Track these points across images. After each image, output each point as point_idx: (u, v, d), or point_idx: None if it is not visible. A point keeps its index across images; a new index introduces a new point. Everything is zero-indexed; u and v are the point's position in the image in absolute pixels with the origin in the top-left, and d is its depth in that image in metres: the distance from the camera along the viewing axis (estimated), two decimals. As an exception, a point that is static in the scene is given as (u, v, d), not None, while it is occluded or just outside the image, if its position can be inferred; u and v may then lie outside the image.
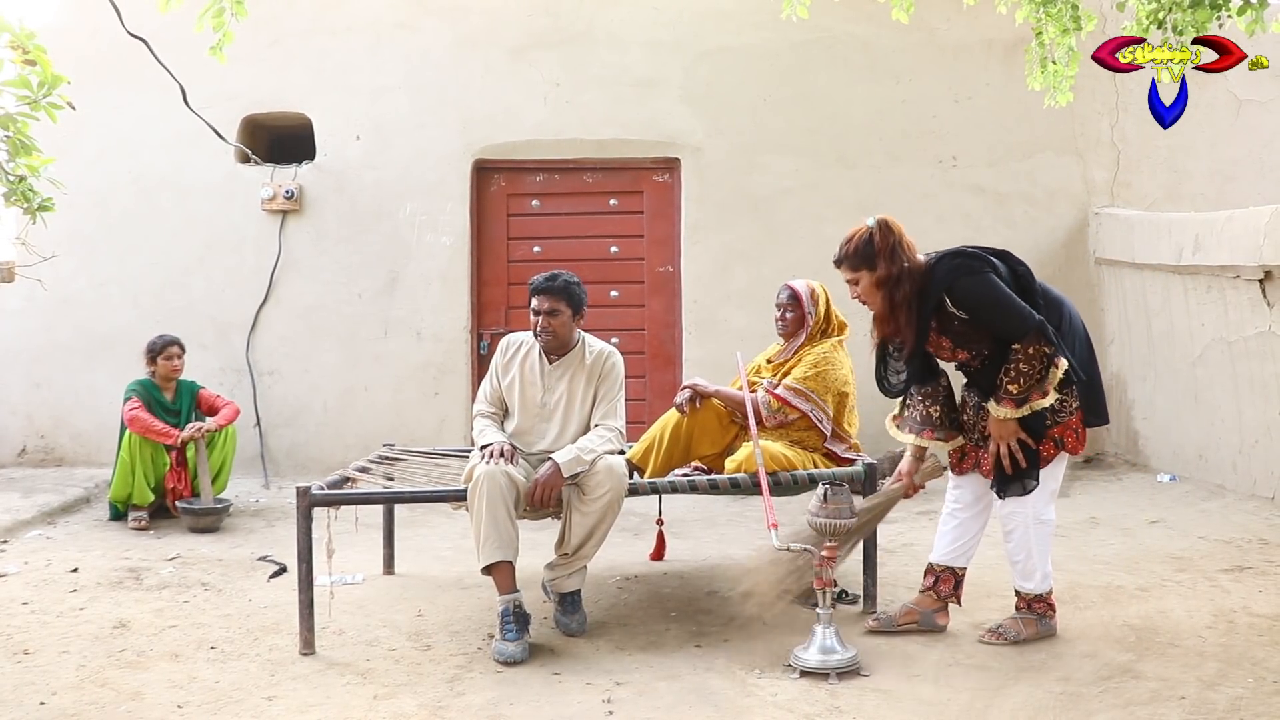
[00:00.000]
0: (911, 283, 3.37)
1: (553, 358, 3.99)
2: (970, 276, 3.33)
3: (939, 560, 3.70)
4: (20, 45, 3.00)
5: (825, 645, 3.30)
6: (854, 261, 3.41)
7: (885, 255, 3.36)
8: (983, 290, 3.32)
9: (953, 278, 3.34)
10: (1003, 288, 3.33)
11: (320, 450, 6.90)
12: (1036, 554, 3.50)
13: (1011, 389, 3.33)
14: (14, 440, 7.05)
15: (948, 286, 3.34)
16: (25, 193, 3.27)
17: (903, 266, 3.36)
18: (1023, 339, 3.30)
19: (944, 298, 3.35)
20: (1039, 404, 3.33)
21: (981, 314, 3.35)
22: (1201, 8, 4.21)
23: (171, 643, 3.68)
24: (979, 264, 3.35)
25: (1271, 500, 5.33)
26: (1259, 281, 5.33)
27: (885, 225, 3.40)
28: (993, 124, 7.09)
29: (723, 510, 5.80)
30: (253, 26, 4.89)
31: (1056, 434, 3.44)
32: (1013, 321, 3.31)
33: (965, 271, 3.34)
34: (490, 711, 3.06)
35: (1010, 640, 3.50)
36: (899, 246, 3.37)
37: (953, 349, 3.46)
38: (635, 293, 7.16)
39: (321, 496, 3.68)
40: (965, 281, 3.33)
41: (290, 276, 7.01)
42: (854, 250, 3.40)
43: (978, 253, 3.39)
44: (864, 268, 3.39)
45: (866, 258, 3.38)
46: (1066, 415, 3.44)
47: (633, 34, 7.08)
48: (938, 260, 3.40)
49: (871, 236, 3.38)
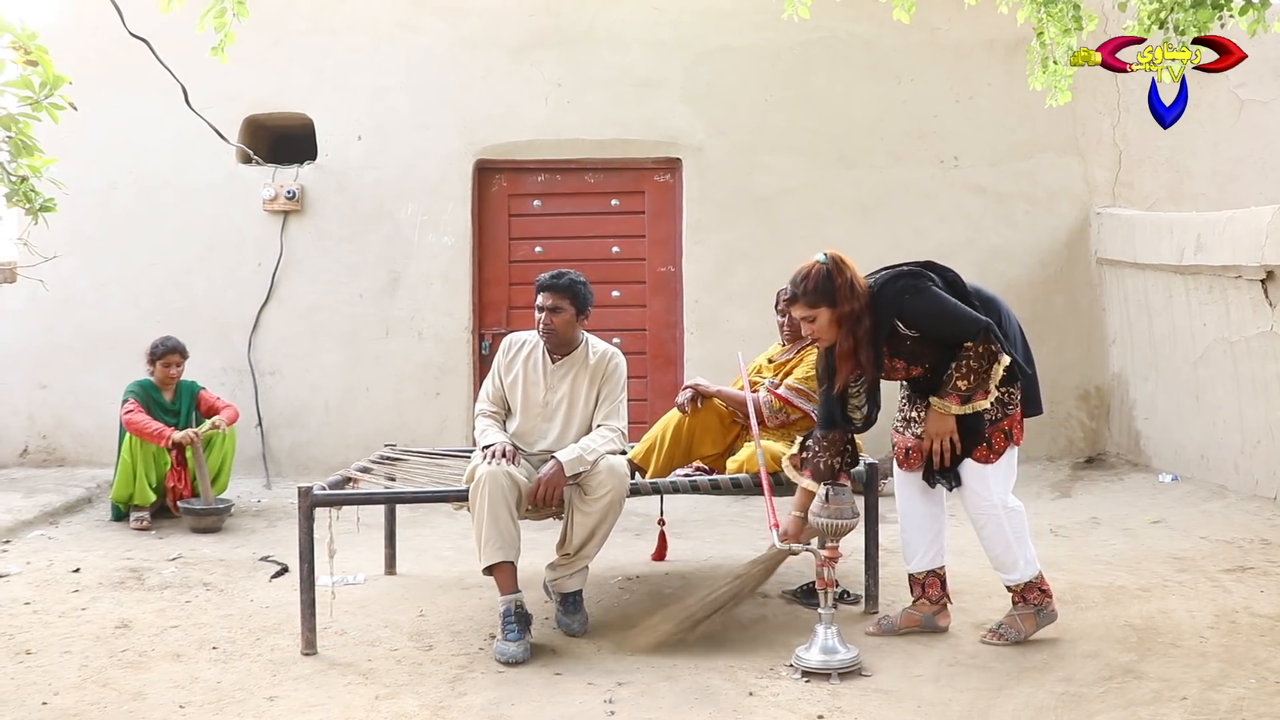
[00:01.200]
0: (868, 316, 3.39)
1: (555, 357, 3.99)
2: (916, 296, 3.37)
3: (918, 569, 3.69)
4: (22, 46, 3.01)
5: (827, 645, 3.30)
6: (812, 298, 3.38)
7: (845, 291, 3.36)
8: (930, 305, 3.36)
9: (900, 300, 3.37)
10: (948, 298, 3.39)
11: (322, 450, 6.91)
12: (1014, 543, 3.49)
13: (960, 385, 3.36)
14: (16, 440, 7.05)
15: (898, 310, 3.37)
16: (27, 193, 3.28)
17: (862, 302, 3.38)
18: (972, 340, 3.34)
19: (895, 321, 3.39)
20: (980, 404, 3.38)
21: (932, 328, 3.39)
22: (1203, 8, 4.21)
23: (173, 643, 3.68)
24: (919, 281, 3.39)
25: (1273, 500, 5.32)
26: (1261, 281, 5.32)
27: (839, 261, 3.39)
28: (994, 124, 7.08)
29: (724, 510, 5.80)
30: (254, 27, 4.90)
31: (1005, 426, 3.47)
32: (963, 327, 3.34)
33: (910, 291, 3.38)
34: (492, 711, 3.06)
35: (1011, 640, 3.49)
36: (855, 282, 3.38)
37: (906, 368, 3.51)
38: (636, 293, 7.16)
39: (323, 497, 3.68)
40: (912, 301, 3.37)
41: (291, 277, 7.01)
42: (813, 286, 3.37)
43: (914, 269, 3.44)
44: (823, 304, 3.38)
45: (825, 294, 3.36)
46: (1013, 408, 3.49)
47: (634, 34, 7.08)
48: (880, 287, 3.42)
49: (829, 273, 3.36)
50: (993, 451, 3.47)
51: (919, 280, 3.40)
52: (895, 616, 3.70)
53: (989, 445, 3.47)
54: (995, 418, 3.46)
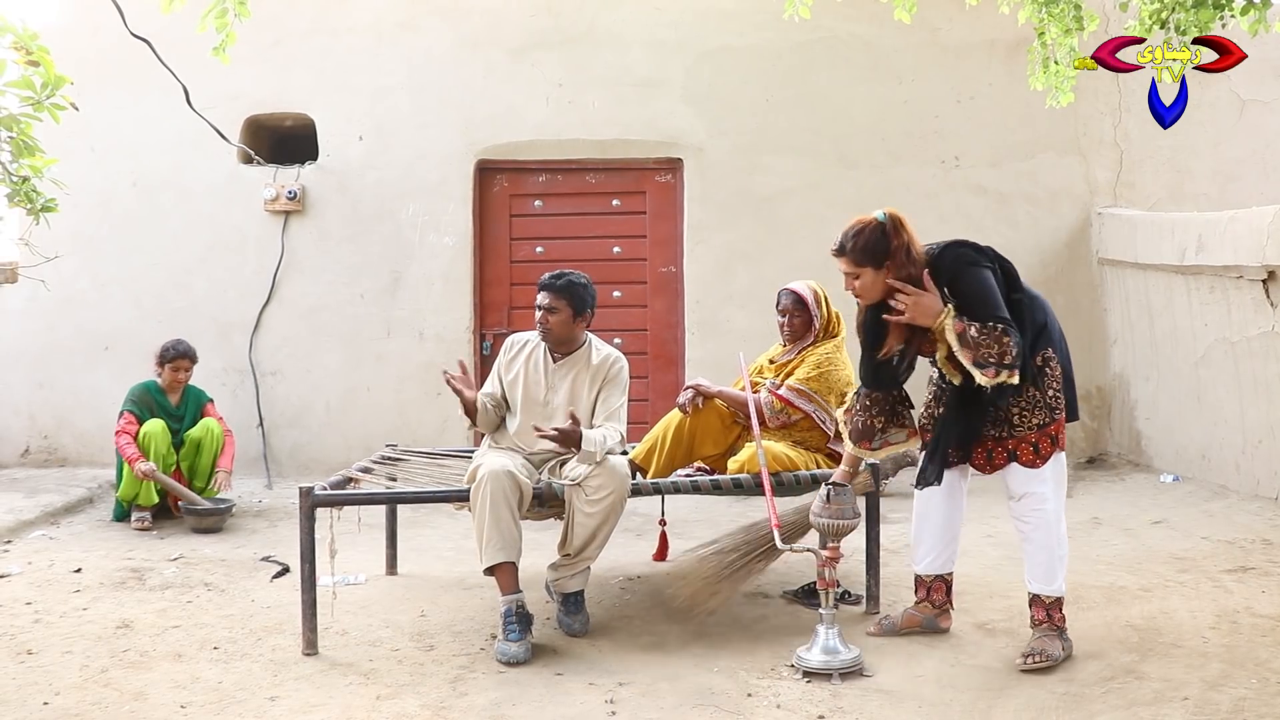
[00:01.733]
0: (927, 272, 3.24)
1: (557, 356, 4.00)
2: (969, 268, 3.24)
3: (927, 571, 3.63)
4: (23, 46, 3.01)
5: (828, 646, 3.29)
6: (859, 256, 3.24)
7: (901, 256, 3.22)
8: (977, 283, 3.22)
9: (960, 266, 3.24)
10: (992, 282, 3.25)
11: (323, 451, 6.91)
12: (1058, 550, 3.37)
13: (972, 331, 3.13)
14: (17, 440, 7.06)
15: (950, 277, 3.24)
16: (28, 193, 3.28)
17: (918, 268, 3.23)
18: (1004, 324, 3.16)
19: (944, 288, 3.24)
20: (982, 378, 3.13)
21: (969, 305, 3.21)
22: (1204, 8, 4.20)
23: (174, 643, 3.68)
24: (980, 256, 3.29)
25: (1275, 501, 5.32)
26: (1262, 282, 5.32)
27: (897, 223, 3.24)
28: (995, 124, 7.08)
29: (725, 511, 5.79)
30: (255, 27, 4.90)
31: (1053, 431, 3.35)
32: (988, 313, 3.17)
33: (971, 262, 3.26)
34: (493, 712, 3.06)
35: (1054, 660, 3.28)
36: (912, 246, 3.23)
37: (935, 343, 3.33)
38: (638, 293, 7.16)
39: (324, 497, 3.68)
40: (965, 272, 3.24)
41: (293, 277, 7.02)
42: (862, 245, 3.23)
43: (980, 246, 3.33)
44: (868, 264, 3.24)
45: (874, 254, 3.22)
46: (1060, 413, 3.37)
47: (635, 34, 7.08)
48: (942, 249, 3.29)
49: (884, 234, 3.22)
50: (1039, 456, 3.34)
51: (980, 256, 3.28)
52: (897, 616, 3.68)
53: (1035, 450, 3.34)
54: (1044, 422, 3.33)
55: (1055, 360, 3.38)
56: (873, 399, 3.48)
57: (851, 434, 3.53)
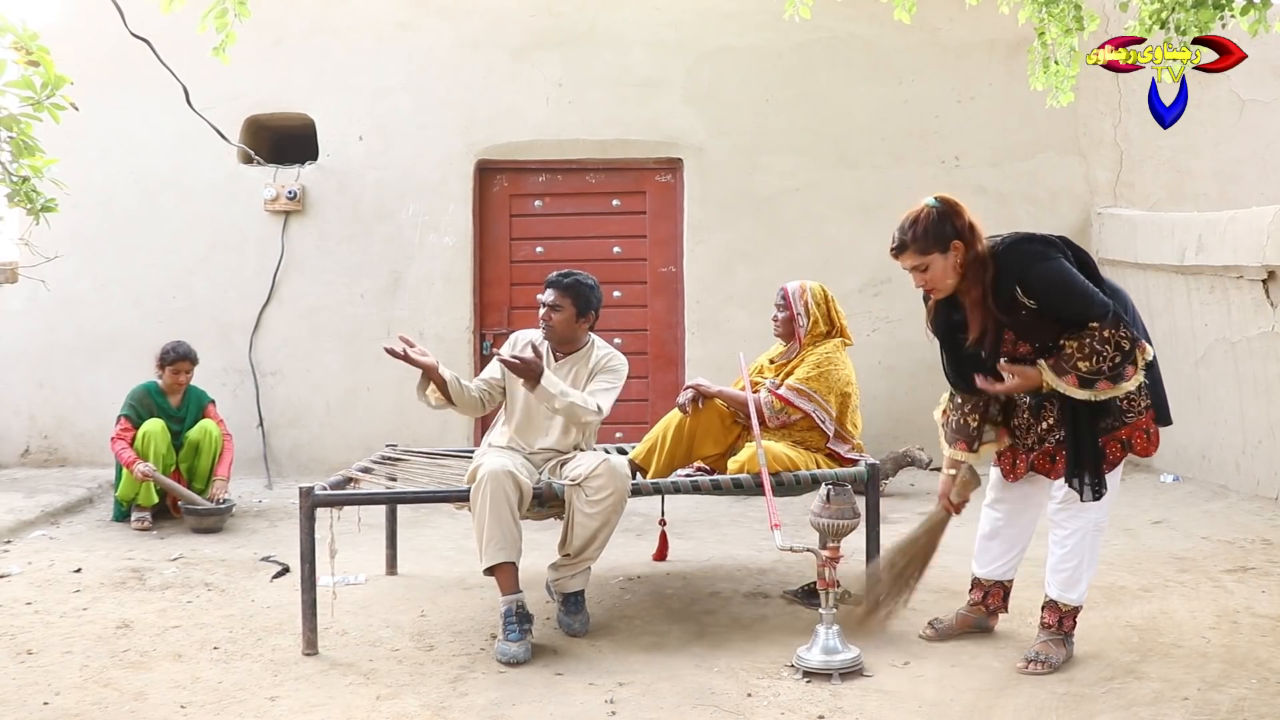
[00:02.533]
0: (993, 265, 3.10)
1: (559, 354, 4.00)
2: (1044, 263, 3.08)
3: (987, 575, 3.53)
4: (23, 46, 3.01)
5: (828, 646, 3.29)
6: (923, 244, 3.11)
7: (968, 233, 3.09)
8: (1058, 276, 3.07)
9: (1026, 264, 3.08)
10: (1074, 272, 3.09)
11: (323, 451, 6.91)
12: (1088, 563, 3.27)
13: (1081, 365, 3.04)
14: (17, 440, 7.06)
15: (1021, 275, 3.07)
16: (28, 193, 3.28)
17: (982, 249, 3.10)
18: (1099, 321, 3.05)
19: (1015, 287, 3.08)
20: (1104, 393, 3.06)
21: (1053, 302, 3.08)
22: (1205, 8, 4.20)
23: (174, 643, 3.68)
24: (1050, 249, 3.12)
25: (1275, 501, 5.32)
26: (1262, 282, 5.32)
27: (954, 203, 3.14)
28: (995, 124, 7.08)
29: (725, 511, 5.80)
30: (255, 27, 4.90)
31: (1124, 435, 3.18)
32: (1087, 308, 3.06)
33: (1039, 258, 3.09)
34: (493, 712, 3.06)
35: (1055, 666, 3.24)
36: (975, 224, 3.13)
37: (1014, 341, 3.19)
38: (638, 293, 7.16)
39: (324, 497, 3.68)
40: (1040, 268, 3.07)
41: (293, 277, 7.02)
42: (924, 230, 3.11)
43: (1047, 237, 3.18)
44: (935, 250, 3.11)
45: (939, 238, 3.10)
46: (1135, 415, 3.18)
47: (635, 34, 7.09)
48: (1005, 246, 3.14)
49: (944, 214, 3.12)
50: (1105, 461, 3.19)
51: (1050, 248, 3.12)
52: (950, 619, 3.57)
53: (1127, 445, 3.20)
54: (1112, 425, 3.17)
55: None
56: (964, 398, 3.39)
57: (947, 436, 3.46)
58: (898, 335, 6.90)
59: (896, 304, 6.90)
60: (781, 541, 3.44)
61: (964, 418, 3.41)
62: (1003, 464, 3.48)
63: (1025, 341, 3.20)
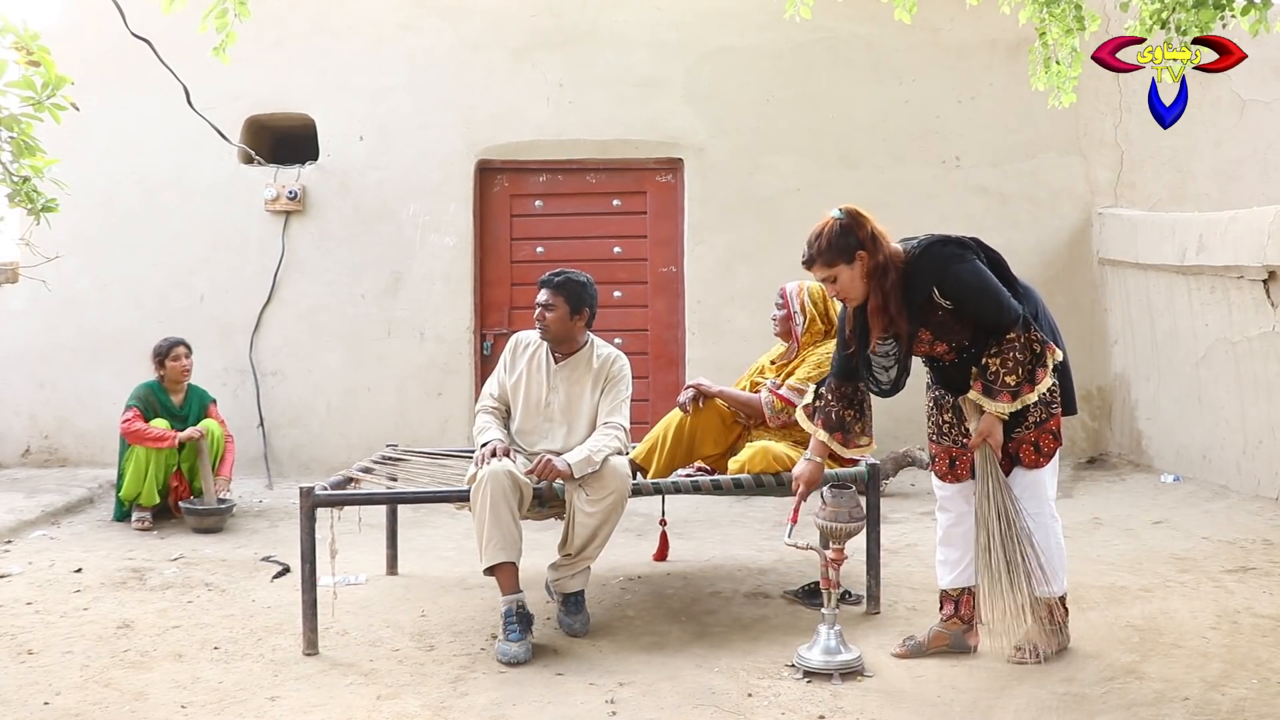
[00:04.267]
0: (895, 270, 3.22)
1: (559, 357, 4.00)
2: (960, 264, 3.19)
3: (952, 584, 3.46)
4: (24, 46, 3.01)
5: (829, 646, 3.28)
6: (828, 256, 3.24)
7: (869, 243, 3.21)
8: (974, 279, 3.19)
9: (943, 266, 3.20)
10: (991, 276, 3.21)
11: (323, 451, 6.91)
12: (1055, 552, 3.31)
13: (1009, 380, 3.17)
14: (18, 440, 7.06)
15: (939, 277, 3.20)
16: (29, 193, 3.28)
17: (886, 253, 3.22)
18: (1009, 329, 3.17)
19: (933, 288, 3.20)
20: (1027, 398, 3.19)
21: (968, 303, 3.20)
22: (1205, 8, 4.20)
23: (175, 643, 3.68)
24: (966, 251, 3.25)
25: (1275, 501, 5.32)
26: (1263, 282, 5.32)
27: (856, 214, 3.25)
28: (996, 124, 7.08)
29: (726, 511, 5.80)
30: (256, 27, 4.90)
31: (1053, 427, 3.31)
32: (1000, 312, 3.18)
33: (955, 260, 3.20)
34: (493, 712, 3.06)
35: (1045, 656, 3.27)
36: (876, 233, 3.23)
37: (931, 341, 3.30)
38: (638, 293, 7.16)
39: (325, 497, 3.68)
40: (956, 269, 3.19)
41: (293, 277, 7.02)
42: (828, 244, 3.23)
43: (961, 239, 3.29)
44: (840, 261, 3.23)
45: (844, 250, 3.22)
46: (1057, 408, 3.32)
47: (636, 34, 7.08)
48: (921, 249, 3.25)
49: (846, 226, 3.23)
50: (1041, 455, 3.31)
51: (965, 250, 3.23)
52: (923, 636, 3.46)
53: (1037, 449, 3.30)
54: (1041, 419, 3.29)
55: None
56: (842, 392, 3.45)
57: (824, 424, 3.47)
58: (898, 335, 6.89)
59: (897, 304, 6.88)
60: (788, 537, 3.42)
61: (842, 410, 3.46)
62: (937, 467, 3.51)
63: (941, 341, 3.30)
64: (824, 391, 3.52)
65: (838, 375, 3.48)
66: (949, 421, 3.45)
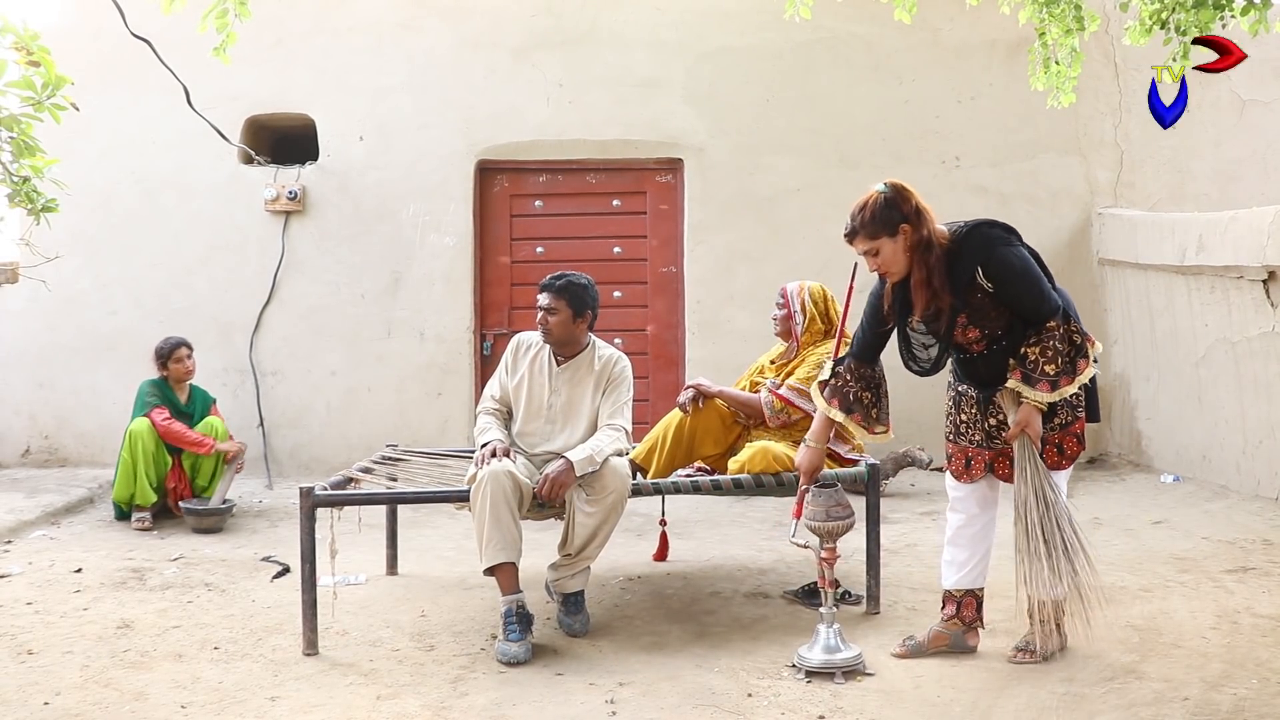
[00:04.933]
0: (939, 247, 3.17)
1: (560, 359, 4.00)
2: (1007, 248, 3.16)
3: (956, 585, 3.44)
4: (24, 46, 3.01)
5: (829, 645, 3.28)
6: (872, 228, 3.17)
7: (913, 217, 3.16)
8: (1018, 262, 3.15)
9: (990, 246, 3.15)
10: (1035, 265, 3.19)
11: (323, 451, 6.91)
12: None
13: (1049, 369, 3.11)
14: (18, 440, 7.06)
15: (985, 257, 3.15)
16: (29, 194, 3.28)
17: (930, 228, 3.17)
18: (1049, 318, 3.13)
19: (977, 269, 3.15)
20: (1066, 390, 3.13)
21: (1011, 286, 3.15)
22: (1205, 8, 4.20)
23: (175, 643, 3.68)
24: (1012, 237, 3.21)
25: (1275, 501, 5.32)
26: (1263, 282, 5.32)
27: (901, 188, 3.20)
28: (996, 124, 7.08)
29: (725, 511, 5.80)
30: (256, 27, 4.90)
31: (1077, 430, 3.27)
32: (1040, 300, 3.14)
33: (1002, 243, 3.17)
34: (493, 712, 3.06)
35: (1044, 656, 3.27)
36: (921, 207, 3.19)
37: (965, 326, 3.23)
38: (638, 293, 7.16)
39: (325, 497, 3.68)
40: (1002, 251, 3.15)
41: (293, 277, 7.02)
42: (871, 216, 3.17)
43: (1008, 225, 3.25)
44: (884, 234, 3.17)
45: (887, 222, 3.16)
46: (1082, 411, 3.29)
47: (636, 34, 7.08)
48: (969, 229, 3.21)
49: (891, 200, 3.17)
50: (1064, 457, 3.28)
51: (1012, 235, 3.20)
52: (923, 636, 3.45)
53: (1060, 450, 3.27)
54: (1067, 421, 3.26)
55: None
56: (860, 372, 3.41)
57: (840, 404, 3.41)
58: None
59: (897, 304, 6.89)
60: (793, 534, 3.42)
61: (860, 392, 3.41)
62: (953, 466, 3.47)
63: (975, 326, 3.24)
64: (841, 370, 3.45)
65: (858, 355, 3.43)
66: (966, 421, 3.42)
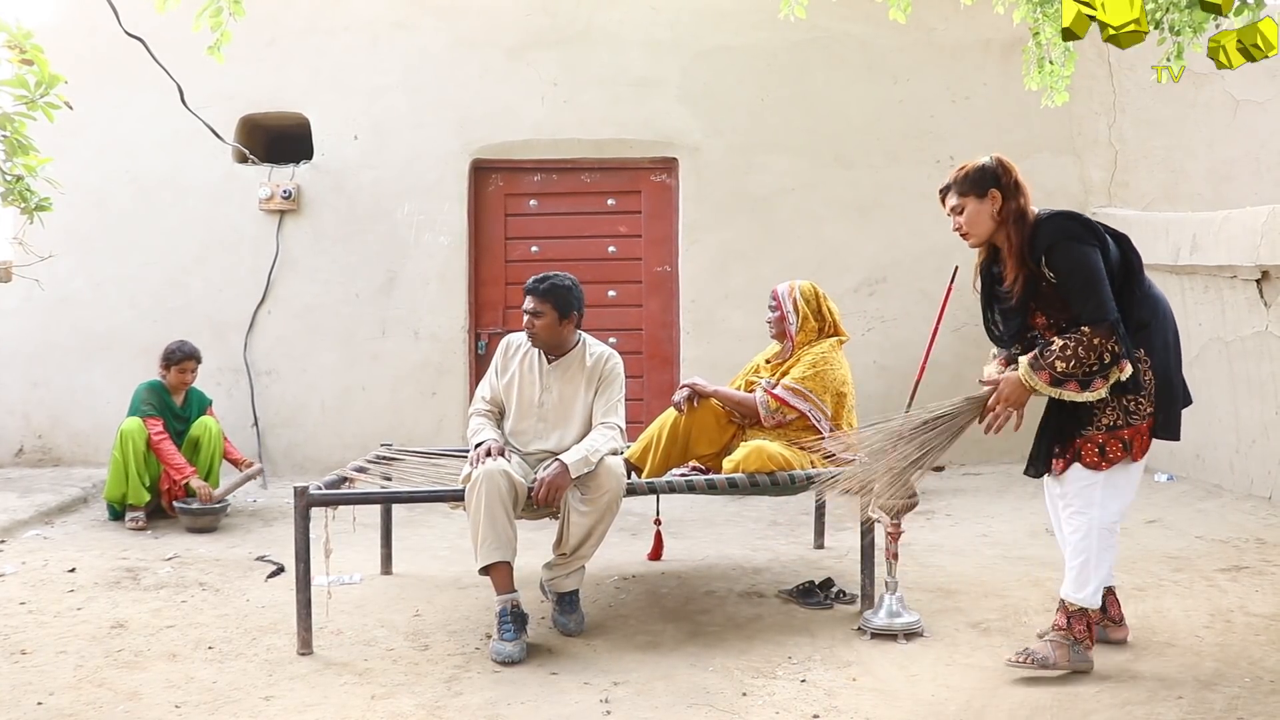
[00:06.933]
0: (1026, 224, 3.19)
1: (551, 358, 3.99)
2: (1074, 242, 3.12)
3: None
4: (17, 45, 3.01)
5: (892, 609, 3.63)
6: (964, 186, 3.26)
7: (1008, 187, 3.21)
8: (1080, 258, 3.10)
9: (1058, 236, 3.13)
10: (1099, 267, 3.11)
11: (318, 450, 6.90)
12: (1095, 563, 3.22)
13: (1058, 365, 3.09)
14: (11, 440, 7.04)
15: (1050, 244, 3.13)
16: (23, 192, 3.27)
17: (1021, 204, 3.20)
18: (1092, 324, 3.07)
19: (1042, 256, 3.15)
20: (1066, 393, 3.12)
21: (1067, 283, 3.11)
22: (1198, 8, 4.20)
23: (169, 643, 3.68)
24: (1088, 234, 3.14)
25: (1268, 500, 5.34)
26: (1256, 281, 5.34)
27: (1005, 161, 3.27)
28: (990, 124, 7.09)
29: (720, 510, 5.80)
30: (250, 26, 4.90)
31: (1126, 435, 3.19)
32: (1090, 304, 3.08)
33: (1072, 236, 3.13)
34: (488, 711, 3.06)
35: (1039, 665, 3.18)
36: (1019, 184, 3.22)
37: (1034, 310, 3.23)
38: (633, 292, 7.16)
39: (319, 496, 3.67)
40: (1068, 244, 3.12)
41: (288, 276, 7.01)
42: (965, 175, 3.27)
43: (1089, 222, 3.19)
44: (972, 194, 3.24)
45: (978, 183, 3.23)
46: (1139, 419, 3.20)
47: (631, 34, 7.08)
48: (1047, 216, 3.20)
49: (990, 167, 3.25)
50: (1104, 459, 3.19)
51: (1089, 233, 3.15)
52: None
53: (1101, 452, 3.19)
54: (1115, 423, 3.18)
55: (1148, 365, 3.22)
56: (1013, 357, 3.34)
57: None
58: (893, 335, 6.91)
59: (892, 303, 6.91)
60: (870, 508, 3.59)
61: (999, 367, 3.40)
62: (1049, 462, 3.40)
63: (1042, 313, 3.24)
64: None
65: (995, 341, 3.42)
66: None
